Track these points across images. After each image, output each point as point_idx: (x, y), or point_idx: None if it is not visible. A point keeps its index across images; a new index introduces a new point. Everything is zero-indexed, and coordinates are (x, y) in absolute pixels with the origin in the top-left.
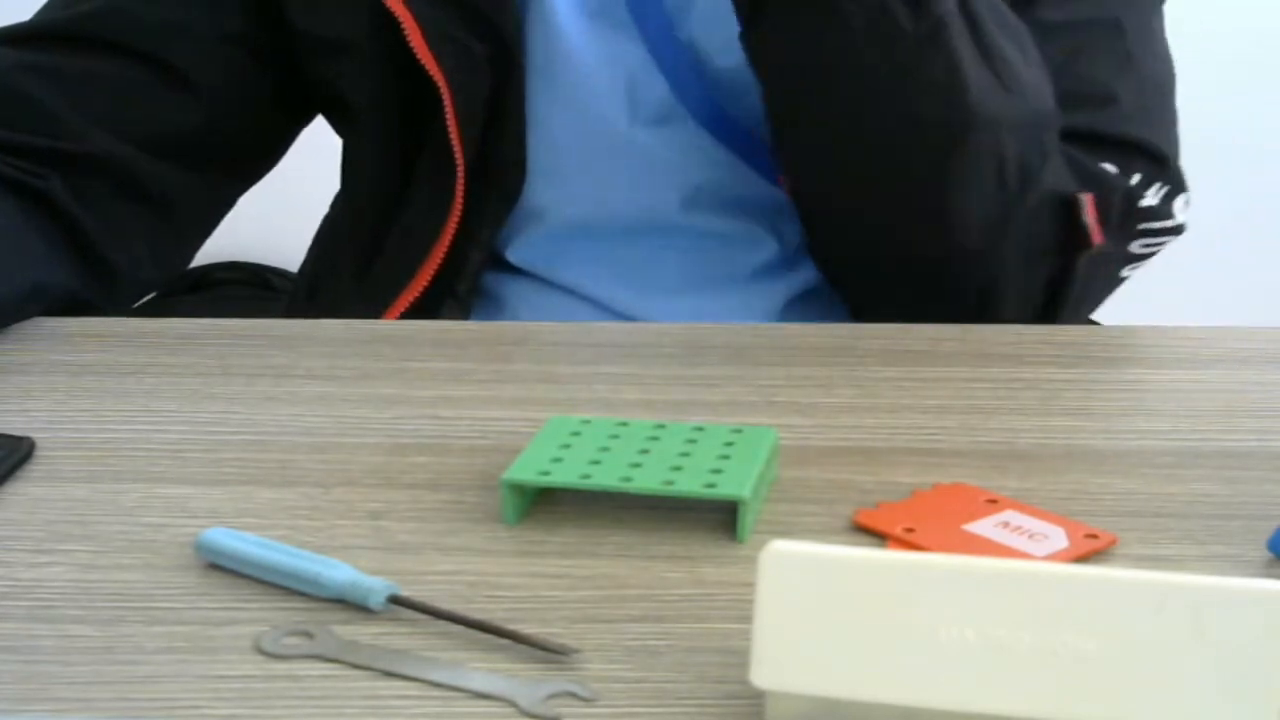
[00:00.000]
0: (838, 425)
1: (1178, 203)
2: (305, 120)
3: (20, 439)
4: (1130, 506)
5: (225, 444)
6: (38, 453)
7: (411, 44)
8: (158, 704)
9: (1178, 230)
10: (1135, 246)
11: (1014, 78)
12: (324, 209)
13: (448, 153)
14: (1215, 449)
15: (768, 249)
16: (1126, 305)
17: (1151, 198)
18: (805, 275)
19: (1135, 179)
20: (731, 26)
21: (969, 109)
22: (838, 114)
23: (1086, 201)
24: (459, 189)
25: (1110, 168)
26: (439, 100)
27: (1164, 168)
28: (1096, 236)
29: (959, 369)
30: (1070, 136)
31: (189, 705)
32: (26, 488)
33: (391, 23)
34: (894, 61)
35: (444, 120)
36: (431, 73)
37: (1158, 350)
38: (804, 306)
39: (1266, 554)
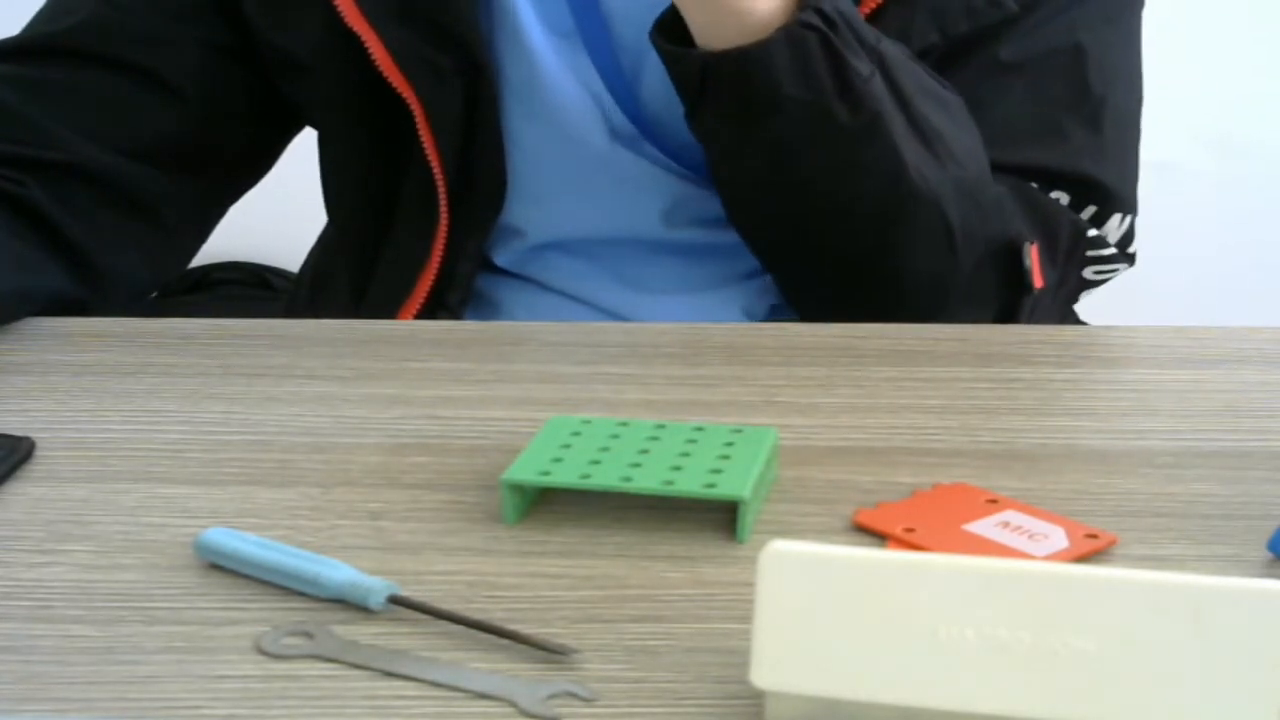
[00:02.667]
0: (838, 425)
1: (1133, 226)
2: (293, 131)
3: (20, 439)
4: (1130, 506)
5: (225, 444)
6: (38, 453)
7: (377, 62)
8: (158, 704)
9: (1130, 258)
10: (1088, 273)
11: (947, 150)
12: (323, 210)
13: (427, 171)
14: (1215, 449)
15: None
16: (1127, 305)
17: (1108, 227)
18: None
19: (1087, 212)
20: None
21: (910, 187)
22: (783, 193)
23: (1029, 249)
24: (443, 207)
25: (1062, 196)
26: (413, 119)
27: (1115, 199)
28: (1038, 281)
29: (959, 369)
30: (1025, 172)
31: (189, 705)
32: (26, 488)
33: (355, 41)
34: (834, 153)
35: (419, 138)
36: (401, 90)
37: (1158, 350)
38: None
39: (1266, 554)
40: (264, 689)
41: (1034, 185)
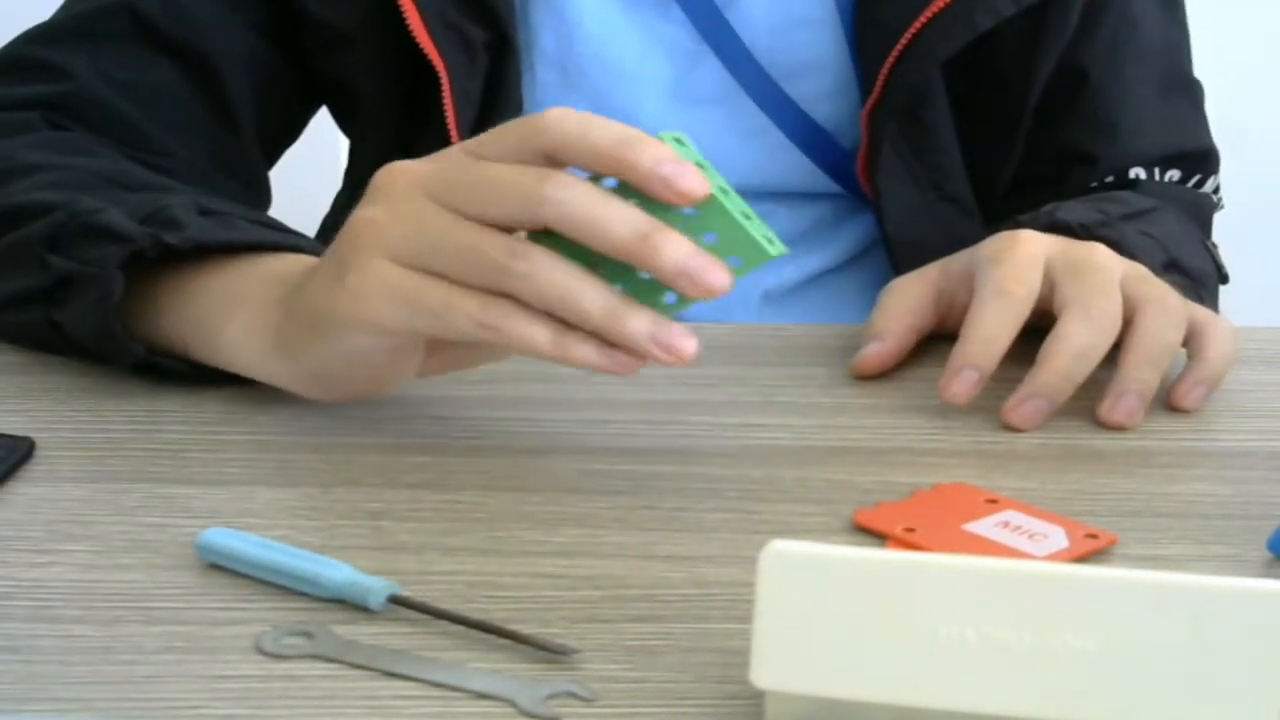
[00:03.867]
0: (838, 425)
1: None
2: (314, 108)
3: (20, 439)
4: (1130, 506)
5: (225, 444)
6: (38, 453)
7: (411, 28)
8: (158, 704)
9: (1220, 202)
10: None
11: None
12: (324, 208)
13: (445, 138)
14: (1215, 449)
15: (788, 228)
16: None
17: (1209, 185)
18: (828, 253)
19: (1194, 179)
20: (784, 10)
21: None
22: None
23: (1216, 248)
24: None
25: (1174, 173)
26: (439, 88)
27: (1215, 159)
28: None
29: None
30: (1165, 160)
31: (189, 705)
32: (26, 488)
33: (393, 10)
34: None
35: (442, 106)
36: (430, 57)
37: None
38: (827, 282)
39: (1266, 554)
40: (264, 689)
41: (1172, 177)
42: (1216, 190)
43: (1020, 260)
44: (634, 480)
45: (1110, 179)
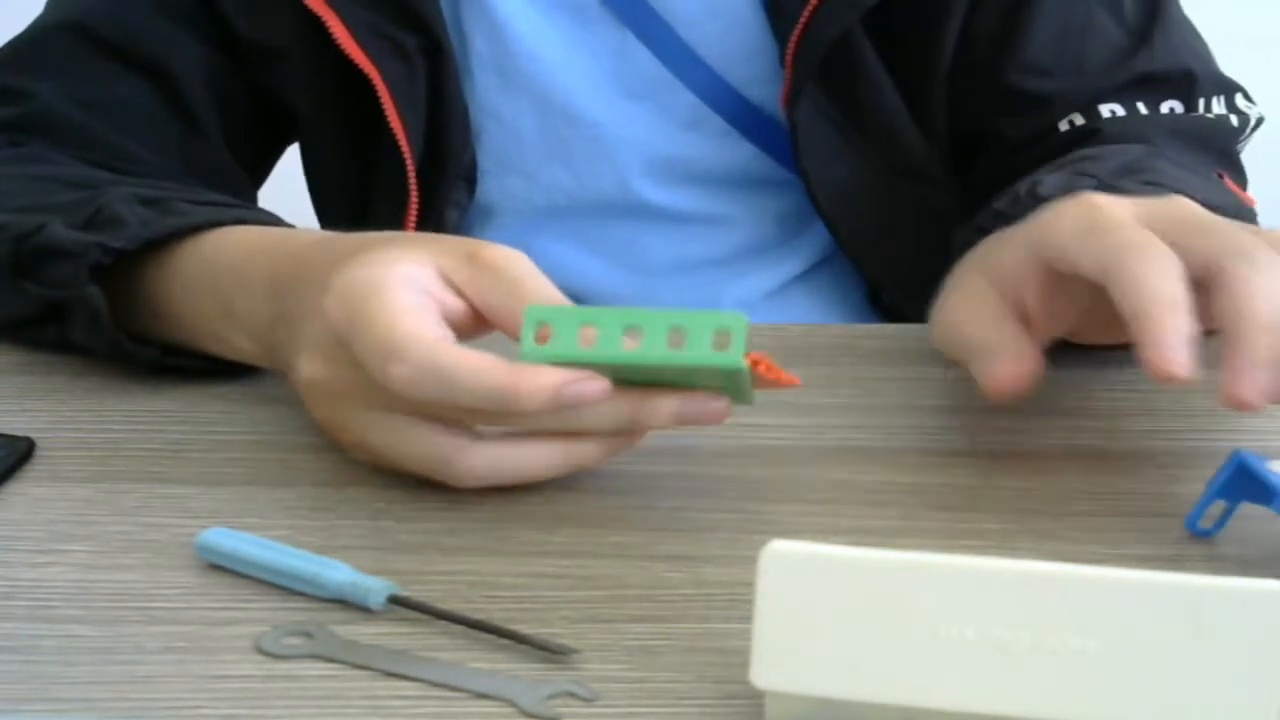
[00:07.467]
0: (838, 425)
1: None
2: (279, 140)
3: (20, 439)
4: (1130, 506)
5: (225, 444)
6: (38, 453)
7: (339, 41)
8: (158, 704)
9: (1259, 120)
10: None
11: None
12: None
13: (398, 153)
14: (1215, 449)
15: (751, 232)
16: None
17: (1243, 110)
18: (795, 260)
19: (1212, 105)
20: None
21: None
22: None
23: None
24: (412, 187)
25: (1176, 106)
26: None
27: (1213, 81)
28: (1250, 202)
29: (959, 368)
30: (1144, 81)
31: (189, 705)
32: (26, 488)
33: (324, 26)
34: None
35: (388, 119)
36: (363, 66)
37: None
38: (798, 289)
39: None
40: (264, 689)
41: (1175, 108)
42: (1233, 111)
43: (1143, 240)
44: (634, 480)
45: (1079, 120)
